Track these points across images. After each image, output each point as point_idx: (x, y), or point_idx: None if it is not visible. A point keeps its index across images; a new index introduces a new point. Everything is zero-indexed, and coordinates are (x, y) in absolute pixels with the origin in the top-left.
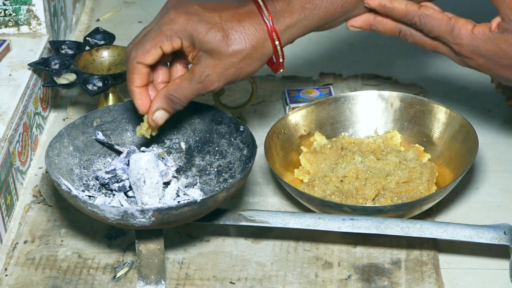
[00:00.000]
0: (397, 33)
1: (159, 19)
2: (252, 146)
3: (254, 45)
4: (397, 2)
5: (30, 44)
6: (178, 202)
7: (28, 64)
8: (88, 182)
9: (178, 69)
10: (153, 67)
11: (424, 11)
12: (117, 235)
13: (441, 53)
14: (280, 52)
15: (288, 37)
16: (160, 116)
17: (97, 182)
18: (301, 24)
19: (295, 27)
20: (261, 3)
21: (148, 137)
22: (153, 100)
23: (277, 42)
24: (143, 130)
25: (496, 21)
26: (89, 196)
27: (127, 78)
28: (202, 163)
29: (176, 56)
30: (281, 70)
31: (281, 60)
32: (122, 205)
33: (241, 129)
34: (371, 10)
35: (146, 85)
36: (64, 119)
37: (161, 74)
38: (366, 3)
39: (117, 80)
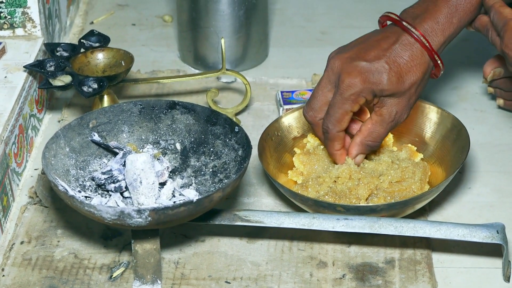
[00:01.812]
0: (486, 30)
1: (339, 84)
2: (247, 146)
3: (423, 71)
4: None
5: (25, 47)
6: (174, 202)
7: (24, 66)
8: (84, 183)
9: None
10: None
11: (494, 4)
12: (113, 235)
13: (499, 51)
14: (441, 66)
15: (442, 51)
16: (360, 159)
17: (93, 182)
18: (451, 38)
19: (446, 42)
20: (411, 28)
21: None
22: (350, 147)
23: (439, 62)
24: None
25: None
26: (86, 197)
27: (328, 146)
28: (197, 163)
29: None
30: (441, 72)
31: (441, 69)
32: (118, 206)
33: (236, 129)
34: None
35: (344, 147)
36: (59, 121)
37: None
38: None
39: (112, 82)
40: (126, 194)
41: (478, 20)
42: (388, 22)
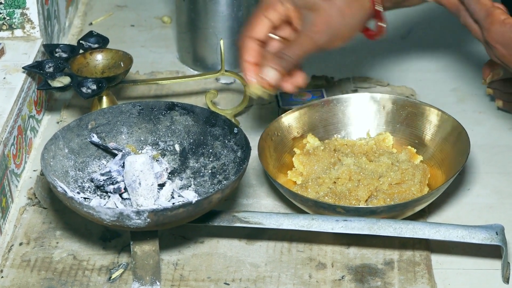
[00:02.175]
0: (456, 11)
1: None
2: (246, 147)
3: (355, 1)
4: None
5: (24, 48)
6: (173, 203)
7: (23, 68)
8: (83, 184)
9: None
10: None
11: None
12: (112, 236)
13: (478, 40)
14: (382, 15)
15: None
16: (271, 75)
17: (92, 184)
18: None
19: None
20: None
21: (265, 96)
22: (263, 61)
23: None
24: (254, 88)
25: None
26: (84, 198)
27: (239, 55)
28: (196, 165)
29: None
30: (384, 26)
31: (380, 10)
32: (117, 207)
33: (235, 131)
34: None
35: (257, 64)
36: (58, 122)
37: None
38: None
39: (111, 83)
40: (125, 195)
41: None
42: None
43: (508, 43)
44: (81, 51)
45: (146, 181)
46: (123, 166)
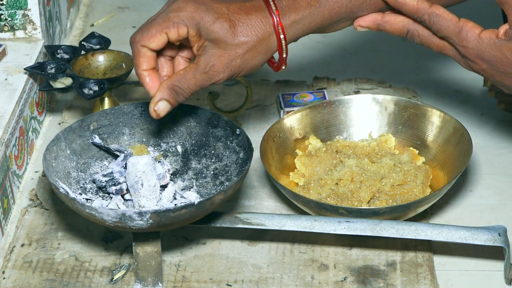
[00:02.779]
0: (405, 33)
1: (167, 6)
2: (248, 149)
3: (260, 38)
4: None
5: (25, 49)
6: (175, 204)
7: (24, 69)
8: (85, 185)
9: (181, 63)
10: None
11: (434, 9)
12: (114, 238)
13: (447, 55)
14: (284, 47)
15: (293, 33)
16: (163, 108)
17: (94, 185)
18: (306, 21)
19: (300, 23)
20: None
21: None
22: (156, 91)
23: (282, 36)
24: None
25: (504, 28)
26: (87, 199)
27: (134, 63)
28: (199, 166)
29: (180, 50)
30: (283, 68)
31: (284, 56)
32: (119, 208)
33: (237, 132)
34: (380, 10)
35: (154, 68)
36: (59, 123)
37: (165, 68)
38: None
39: (113, 84)
40: (127, 196)
41: (388, 23)
42: None
43: (489, 59)
44: (83, 52)
45: (149, 182)
46: (125, 167)
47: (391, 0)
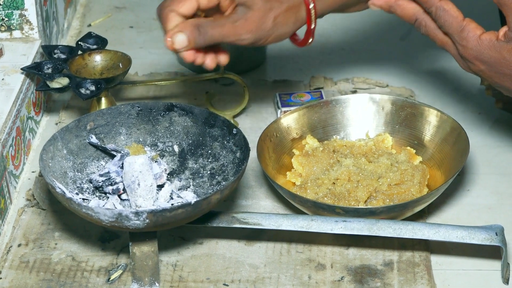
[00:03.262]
0: (413, 20)
1: None
2: (245, 148)
3: (290, 5)
4: None
5: (22, 49)
6: (172, 204)
7: (21, 69)
8: (82, 185)
9: None
10: None
11: (443, 4)
12: (111, 238)
13: (449, 52)
14: (313, 17)
15: (321, 6)
16: (180, 40)
17: (91, 185)
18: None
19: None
20: None
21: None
22: (179, 24)
23: (311, 6)
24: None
25: (503, 30)
26: (83, 199)
27: (163, 29)
28: (195, 166)
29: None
30: (310, 41)
31: (312, 27)
32: (116, 208)
33: (234, 132)
34: None
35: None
36: (56, 123)
37: None
38: None
39: (109, 84)
40: (124, 196)
41: (399, 7)
42: None
43: (487, 60)
44: (79, 52)
45: (145, 182)
46: (122, 167)
47: None
